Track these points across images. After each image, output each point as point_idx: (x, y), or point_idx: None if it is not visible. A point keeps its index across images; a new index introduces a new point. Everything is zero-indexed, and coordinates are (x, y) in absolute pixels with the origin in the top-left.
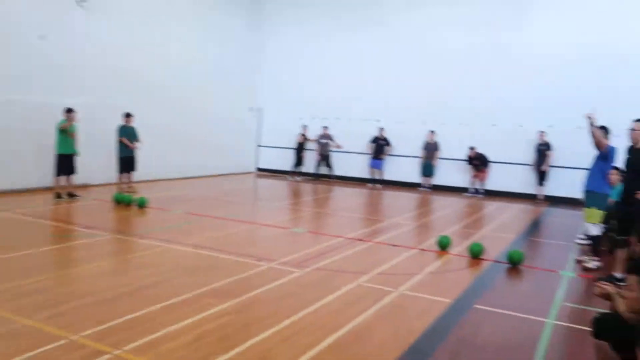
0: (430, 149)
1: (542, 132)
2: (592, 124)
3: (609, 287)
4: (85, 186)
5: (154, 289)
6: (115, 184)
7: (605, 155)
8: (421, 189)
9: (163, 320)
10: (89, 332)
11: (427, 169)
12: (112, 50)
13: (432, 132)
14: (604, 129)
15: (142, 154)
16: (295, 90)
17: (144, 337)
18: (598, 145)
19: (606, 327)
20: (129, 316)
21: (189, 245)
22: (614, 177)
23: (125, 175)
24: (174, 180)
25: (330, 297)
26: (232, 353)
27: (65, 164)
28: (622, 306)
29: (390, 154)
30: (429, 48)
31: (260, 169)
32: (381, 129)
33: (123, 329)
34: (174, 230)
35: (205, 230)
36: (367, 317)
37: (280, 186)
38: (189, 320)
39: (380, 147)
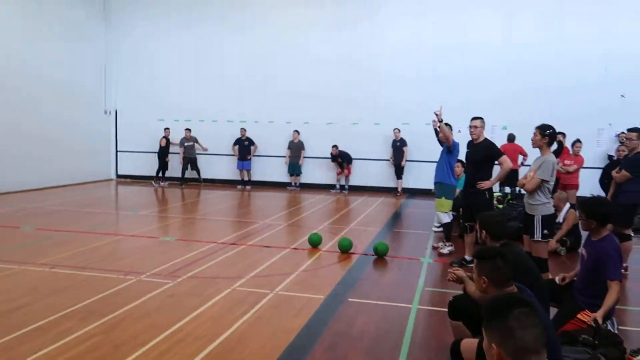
0: (296, 148)
1: (397, 129)
2: (440, 121)
3: (459, 272)
4: None
5: (3, 319)
6: None
7: (450, 149)
8: (290, 188)
9: (21, 352)
10: None
11: (294, 168)
12: None
13: (297, 131)
14: (448, 125)
15: None
16: (153, 91)
17: None
18: (445, 140)
19: (459, 308)
20: None
21: (45, 265)
22: (458, 169)
23: None
24: (21, 192)
25: (206, 305)
26: None
27: None
28: (471, 287)
29: (257, 154)
30: (290, 48)
31: (120, 176)
32: (243, 130)
33: None
34: (26, 250)
35: (62, 246)
36: (246, 321)
37: (144, 193)
38: (50, 348)
39: (244, 147)
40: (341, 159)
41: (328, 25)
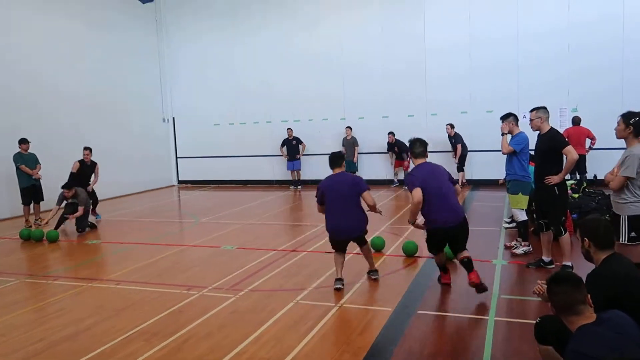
0: (349, 145)
1: (449, 125)
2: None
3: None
4: None
5: (71, 342)
6: (21, 217)
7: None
8: None
9: None
10: None
11: (349, 166)
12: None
13: (349, 127)
14: (512, 116)
15: (49, 179)
16: (207, 97)
17: None
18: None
19: (548, 330)
20: None
21: (110, 282)
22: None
23: (32, 207)
24: None
25: (269, 322)
26: None
27: None
28: None
29: (308, 152)
30: (342, 47)
31: (181, 182)
32: (289, 130)
33: None
34: (93, 265)
35: (127, 260)
36: (310, 340)
37: (204, 198)
38: None
39: (293, 147)
40: (398, 148)
41: (377, 22)
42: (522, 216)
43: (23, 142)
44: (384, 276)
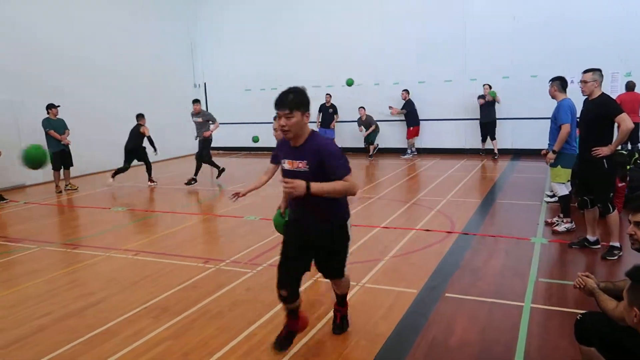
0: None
1: (487, 85)
2: None
3: (590, 281)
4: (22, 187)
5: (77, 318)
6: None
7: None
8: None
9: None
10: None
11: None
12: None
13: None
14: (558, 80)
15: (81, 144)
16: (237, 61)
17: None
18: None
19: (590, 329)
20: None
21: (129, 252)
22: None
23: (62, 172)
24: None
25: None
26: None
27: None
28: (607, 303)
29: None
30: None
31: (213, 148)
32: (328, 95)
33: None
34: (114, 234)
35: (149, 229)
36: (326, 324)
37: (235, 165)
38: (116, 356)
39: (328, 115)
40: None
41: None
42: (562, 190)
43: (51, 107)
44: (410, 253)
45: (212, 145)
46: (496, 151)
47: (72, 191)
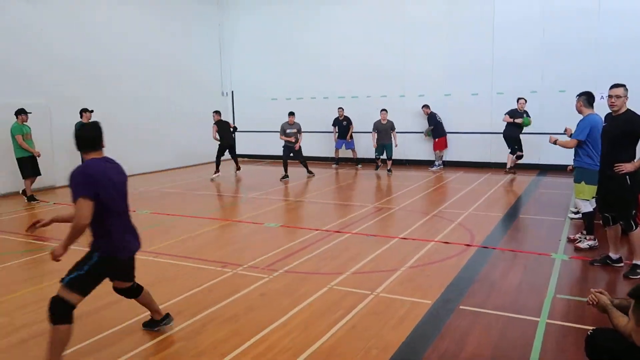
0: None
1: (523, 99)
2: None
3: (603, 297)
4: (51, 189)
5: (95, 315)
6: None
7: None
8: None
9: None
10: None
11: (381, 149)
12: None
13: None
14: (584, 95)
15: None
16: (265, 71)
17: None
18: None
19: (601, 346)
20: None
21: (150, 254)
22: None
23: None
24: (143, 175)
25: (297, 308)
26: None
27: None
28: (619, 320)
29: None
30: (392, 19)
31: (239, 155)
32: (340, 109)
33: None
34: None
35: (171, 232)
36: (338, 331)
37: (258, 173)
38: (127, 355)
39: (343, 128)
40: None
41: None
42: (585, 207)
43: (85, 111)
44: (428, 265)
45: (239, 152)
46: (509, 165)
47: None
